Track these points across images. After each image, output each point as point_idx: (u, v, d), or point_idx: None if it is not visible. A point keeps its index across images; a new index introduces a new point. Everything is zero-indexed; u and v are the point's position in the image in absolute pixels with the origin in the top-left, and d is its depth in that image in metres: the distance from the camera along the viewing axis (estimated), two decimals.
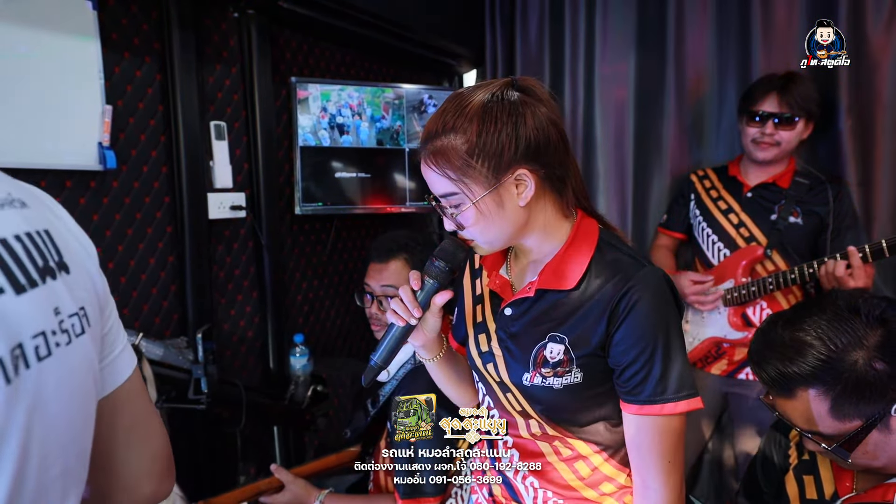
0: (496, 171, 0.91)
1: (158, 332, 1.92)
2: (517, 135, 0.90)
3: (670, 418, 0.93)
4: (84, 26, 1.64)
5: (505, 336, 1.03)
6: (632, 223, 2.53)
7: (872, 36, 1.97)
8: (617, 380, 0.96)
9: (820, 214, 1.86)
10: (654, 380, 0.92)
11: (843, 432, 0.98)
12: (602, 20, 2.52)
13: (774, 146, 1.85)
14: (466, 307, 1.13)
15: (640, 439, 0.96)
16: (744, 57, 2.22)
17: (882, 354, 0.96)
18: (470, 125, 0.90)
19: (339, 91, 2.32)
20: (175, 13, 1.83)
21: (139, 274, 1.85)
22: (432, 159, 0.93)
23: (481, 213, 0.93)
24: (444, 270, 1.00)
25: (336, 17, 2.21)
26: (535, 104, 0.93)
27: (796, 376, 0.99)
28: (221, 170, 2.04)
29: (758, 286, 1.84)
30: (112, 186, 1.76)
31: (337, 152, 2.35)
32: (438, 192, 0.96)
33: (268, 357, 2.27)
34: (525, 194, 0.93)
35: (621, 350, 0.93)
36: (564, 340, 0.96)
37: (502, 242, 0.99)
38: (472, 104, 0.91)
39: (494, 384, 1.06)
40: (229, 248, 2.12)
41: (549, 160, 0.94)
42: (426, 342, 1.07)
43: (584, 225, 1.00)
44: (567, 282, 0.96)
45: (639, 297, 0.91)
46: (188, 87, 1.89)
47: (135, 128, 1.81)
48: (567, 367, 0.96)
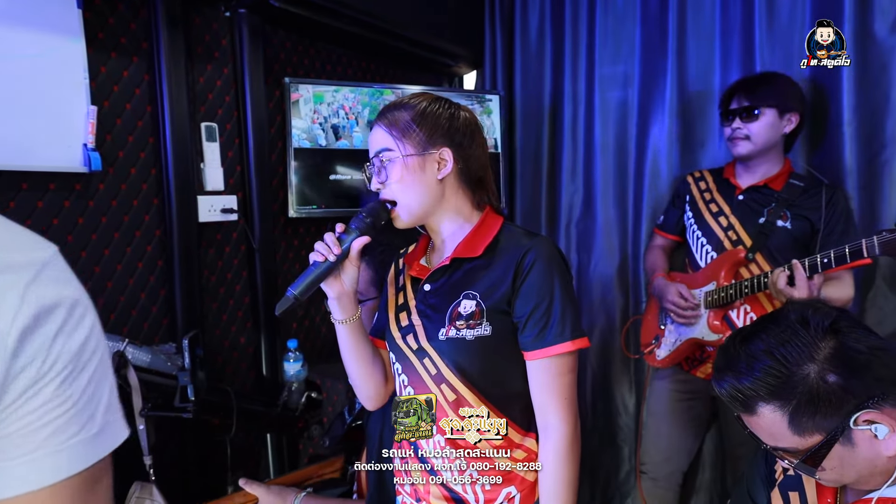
0: (428, 140, 1.13)
1: (147, 337, 1.88)
2: (451, 124, 1.16)
3: (566, 357, 1.10)
4: (69, 25, 1.60)
5: (424, 307, 1.17)
6: (632, 224, 2.50)
7: (879, 36, 1.93)
8: (521, 333, 1.11)
9: (811, 219, 1.83)
10: (553, 325, 1.09)
11: (806, 448, 0.95)
12: (603, 20, 2.49)
13: (745, 140, 1.87)
14: (389, 299, 1.27)
15: (540, 381, 1.11)
16: (747, 57, 2.19)
17: (833, 367, 0.92)
18: (420, 104, 1.16)
19: (334, 92, 2.28)
20: (164, 12, 1.79)
21: (127, 278, 1.81)
22: (384, 119, 1.16)
23: (406, 169, 1.12)
24: (367, 223, 1.14)
25: (331, 16, 2.17)
26: (472, 119, 1.20)
27: (751, 392, 0.96)
28: (212, 172, 2.00)
29: (735, 289, 1.81)
30: (98, 189, 1.72)
31: (332, 154, 2.31)
32: (377, 146, 1.15)
33: (260, 363, 2.23)
34: (443, 171, 1.14)
35: (524, 302, 1.10)
36: (476, 296, 1.12)
37: (419, 210, 1.15)
38: (426, 95, 1.19)
39: (411, 353, 1.18)
40: (221, 252, 2.08)
41: (470, 159, 1.16)
42: (341, 294, 1.15)
43: (491, 216, 1.20)
44: (477, 250, 1.15)
45: (537, 257, 1.10)
46: (177, 87, 1.85)
47: (122, 129, 1.77)
48: (478, 320, 1.11)
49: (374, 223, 1.15)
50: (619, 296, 2.57)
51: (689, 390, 2.05)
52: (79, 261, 1.70)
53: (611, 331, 2.60)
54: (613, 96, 2.50)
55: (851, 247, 1.55)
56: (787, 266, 1.66)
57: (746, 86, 1.89)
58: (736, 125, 1.88)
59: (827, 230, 1.81)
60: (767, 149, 1.88)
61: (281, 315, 1.12)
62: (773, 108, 1.84)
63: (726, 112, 1.91)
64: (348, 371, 1.25)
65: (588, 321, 2.64)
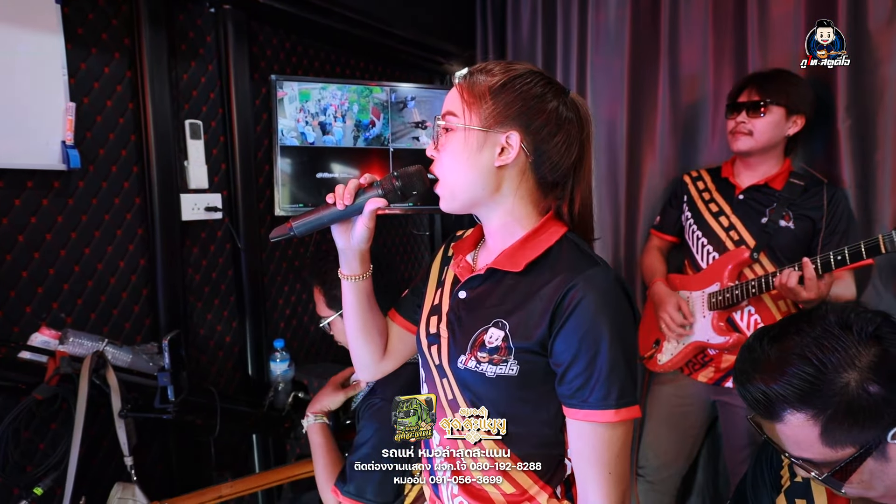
0: (498, 118, 0.95)
1: (129, 337, 1.86)
2: (534, 106, 0.95)
3: (612, 426, 0.90)
4: (47, 21, 1.58)
5: (454, 318, 1.02)
6: (625, 222, 2.47)
7: (874, 34, 1.90)
8: (559, 384, 0.93)
9: (813, 218, 1.80)
10: (597, 385, 0.89)
11: (836, 460, 0.89)
12: (595, 16, 2.46)
13: (748, 135, 1.83)
14: (428, 291, 1.14)
15: (580, 447, 0.93)
16: (739, 55, 2.15)
17: (876, 376, 0.86)
18: (505, 74, 0.97)
19: (321, 89, 2.25)
20: (145, 8, 1.77)
21: (108, 277, 1.79)
22: (464, 79, 0.99)
23: (462, 144, 0.96)
24: (394, 186, 1.02)
25: (318, 13, 2.14)
26: (574, 112, 0.99)
27: (782, 398, 0.90)
28: (197, 170, 1.98)
29: (741, 289, 1.78)
30: (78, 186, 1.70)
31: (319, 152, 2.29)
32: (446, 107, 0.99)
33: (246, 363, 2.21)
34: (504, 158, 0.96)
35: (563, 348, 0.90)
36: (506, 327, 0.95)
37: (464, 195, 0.99)
38: (524, 65, 1.00)
39: (434, 368, 1.06)
40: (205, 251, 2.05)
41: (544, 154, 0.97)
42: (346, 248, 1.07)
43: (552, 223, 1.00)
44: (519, 264, 0.97)
45: (584, 296, 0.89)
46: (160, 84, 1.83)
47: (102, 126, 1.75)
48: (504, 357, 0.94)
49: (404, 190, 1.02)
50: None
51: (690, 394, 2.02)
52: (58, 259, 1.68)
53: None
54: (605, 94, 2.47)
55: (867, 243, 1.52)
56: (798, 265, 1.63)
57: (758, 80, 1.85)
58: (741, 119, 1.84)
59: (829, 229, 1.78)
60: (768, 148, 1.85)
61: (273, 241, 1.04)
62: (781, 106, 1.80)
63: (733, 105, 1.87)
64: (346, 329, 1.16)
65: None
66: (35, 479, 1.46)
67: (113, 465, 1.79)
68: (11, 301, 1.60)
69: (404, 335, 1.20)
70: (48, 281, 1.67)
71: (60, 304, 1.69)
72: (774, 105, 1.80)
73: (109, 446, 1.76)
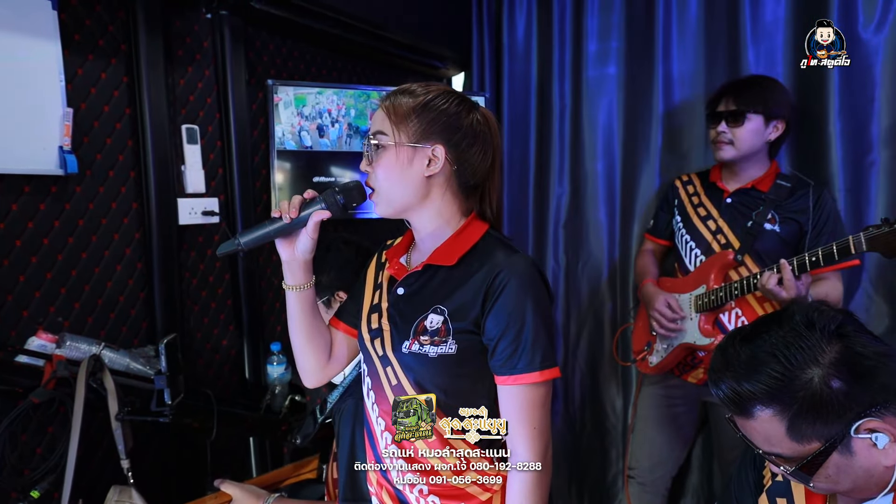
0: (423, 135, 1.08)
1: (126, 341, 1.87)
2: (453, 122, 1.09)
3: (536, 387, 1.05)
4: (43, 27, 1.59)
5: (394, 312, 1.14)
6: (619, 226, 2.49)
7: (864, 37, 1.92)
8: (492, 357, 1.07)
9: (799, 221, 1.82)
10: (523, 352, 1.04)
11: (803, 454, 0.91)
12: (590, 21, 2.48)
13: (729, 144, 1.87)
14: (366, 294, 1.24)
15: (509, 409, 1.07)
16: (733, 59, 2.18)
17: (838, 372, 0.89)
18: (427, 94, 1.10)
19: (317, 94, 2.27)
20: (142, 14, 1.78)
21: (105, 281, 1.80)
22: (388, 101, 1.11)
23: (394, 159, 1.08)
24: (335, 199, 1.11)
25: (314, 18, 2.16)
26: (485, 124, 1.13)
27: (751, 396, 0.93)
28: (194, 174, 1.99)
29: (725, 291, 1.81)
30: (75, 191, 1.71)
31: (316, 156, 2.30)
32: (375, 127, 1.11)
33: (243, 366, 2.22)
34: (431, 169, 1.09)
35: (494, 324, 1.05)
36: (444, 312, 1.08)
37: (397, 203, 1.11)
38: (440, 87, 1.13)
39: (377, 359, 1.15)
40: (202, 255, 2.06)
41: (465, 163, 1.10)
42: (291, 260, 1.15)
43: (475, 223, 1.14)
44: (452, 258, 1.10)
45: (509, 278, 1.04)
46: (156, 89, 1.84)
47: (100, 131, 1.76)
48: (444, 338, 1.07)
49: (345, 203, 1.11)
50: (607, 298, 2.56)
51: (680, 395, 2.04)
52: (55, 264, 1.69)
53: (599, 333, 2.59)
54: (601, 97, 2.49)
55: (839, 244, 1.55)
56: (776, 266, 1.65)
57: (735, 89, 1.88)
58: (721, 129, 1.86)
59: (815, 231, 1.81)
60: (751, 155, 1.87)
61: (221, 256, 1.11)
62: (759, 114, 1.83)
63: (713, 114, 1.90)
64: (291, 339, 1.24)
65: (577, 323, 2.63)
66: (32, 482, 1.46)
67: (110, 469, 1.80)
68: (8, 305, 1.61)
69: (347, 340, 1.28)
70: (45, 285, 1.67)
71: (58, 308, 1.70)
72: (753, 113, 1.82)
73: (106, 450, 1.77)
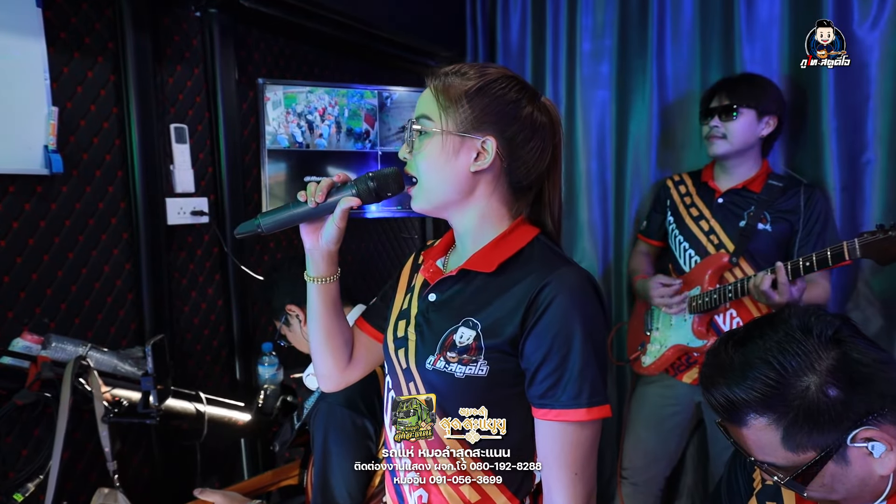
0: (473, 124, 0.94)
1: (114, 342, 1.85)
2: (509, 112, 0.94)
3: (582, 426, 0.90)
4: (28, 24, 1.57)
5: (422, 320, 1.01)
6: (613, 226, 2.47)
7: (859, 35, 1.90)
8: (529, 386, 0.92)
9: (790, 220, 1.82)
10: (568, 383, 0.88)
11: (798, 464, 0.88)
12: (584, 20, 2.46)
13: (722, 139, 1.87)
14: (397, 297, 1.12)
15: (548, 449, 0.92)
16: (727, 57, 2.16)
17: (835, 380, 0.86)
18: (481, 78, 0.95)
19: (308, 93, 2.25)
20: (129, 12, 1.76)
21: (92, 282, 1.79)
22: (437, 81, 0.97)
23: (439, 149, 0.95)
24: (368, 186, 0.99)
25: (305, 16, 2.13)
26: (547, 117, 0.98)
27: (744, 403, 0.89)
28: (182, 174, 1.98)
29: (719, 293, 1.80)
30: (61, 191, 1.70)
31: (307, 155, 2.28)
32: (420, 111, 0.97)
33: (234, 367, 2.20)
34: (479, 163, 0.95)
35: (534, 347, 0.90)
36: (477, 326, 0.94)
37: (438, 198, 0.98)
38: (498, 69, 0.97)
39: (400, 371, 1.03)
40: (192, 255, 2.05)
41: (518, 160, 0.96)
42: (313, 248, 1.03)
43: (523, 226, 1.00)
44: (492, 265, 0.96)
45: (557, 294, 0.89)
46: (144, 88, 1.82)
47: (86, 130, 1.74)
48: (473, 357, 0.93)
49: (378, 191, 0.99)
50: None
51: (674, 395, 2.03)
52: (41, 264, 1.67)
53: None
54: (594, 96, 2.47)
55: (833, 249, 1.53)
56: (771, 269, 1.64)
57: (727, 85, 1.89)
58: (714, 123, 1.87)
59: (805, 231, 1.80)
60: (744, 150, 1.87)
61: (239, 237, 1.01)
62: (751, 108, 1.83)
63: (706, 110, 1.91)
64: (309, 336, 1.12)
65: None
66: (16, 485, 1.45)
67: (96, 471, 1.79)
68: None
69: (372, 344, 1.17)
70: (31, 286, 1.66)
71: (43, 309, 1.68)
72: (745, 108, 1.83)
73: (93, 451, 1.75)
